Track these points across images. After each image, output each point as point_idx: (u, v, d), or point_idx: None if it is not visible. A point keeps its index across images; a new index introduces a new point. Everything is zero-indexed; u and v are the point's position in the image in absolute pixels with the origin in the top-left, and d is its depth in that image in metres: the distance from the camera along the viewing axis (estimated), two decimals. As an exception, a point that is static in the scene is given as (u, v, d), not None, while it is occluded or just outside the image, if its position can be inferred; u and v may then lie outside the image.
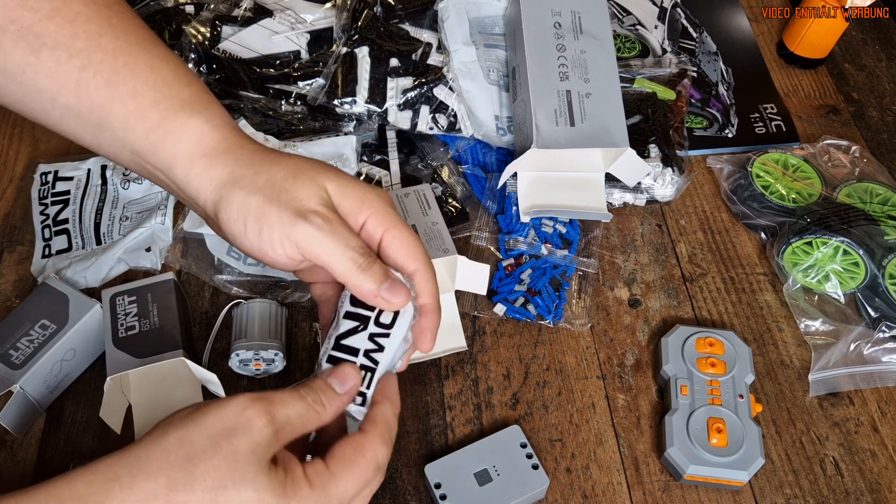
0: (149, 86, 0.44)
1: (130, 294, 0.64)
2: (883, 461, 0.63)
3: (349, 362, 0.44)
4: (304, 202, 0.42)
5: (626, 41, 0.88)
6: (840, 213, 0.73)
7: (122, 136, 0.44)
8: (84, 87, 0.43)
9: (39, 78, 0.42)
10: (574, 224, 0.75)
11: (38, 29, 0.41)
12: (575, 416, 0.64)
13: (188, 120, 0.44)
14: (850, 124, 0.88)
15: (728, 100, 0.87)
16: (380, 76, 0.76)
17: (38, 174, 0.76)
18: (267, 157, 0.45)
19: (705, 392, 0.62)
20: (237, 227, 0.43)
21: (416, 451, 0.62)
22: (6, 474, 0.60)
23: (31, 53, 0.41)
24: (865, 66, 0.95)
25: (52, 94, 0.43)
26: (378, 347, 0.45)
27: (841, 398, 0.66)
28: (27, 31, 0.41)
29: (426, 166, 0.78)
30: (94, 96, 0.43)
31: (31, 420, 0.62)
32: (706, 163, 0.83)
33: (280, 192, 0.42)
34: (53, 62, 0.42)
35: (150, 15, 0.84)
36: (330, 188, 0.44)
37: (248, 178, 0.43)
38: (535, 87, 0.71)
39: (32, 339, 0.61)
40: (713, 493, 0.61)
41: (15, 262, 0.72)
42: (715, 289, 0.73)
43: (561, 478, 0.61)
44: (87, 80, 0.42)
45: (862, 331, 0.68)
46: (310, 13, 0.80)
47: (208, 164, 0.44)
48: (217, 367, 0.65)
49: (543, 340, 0.69)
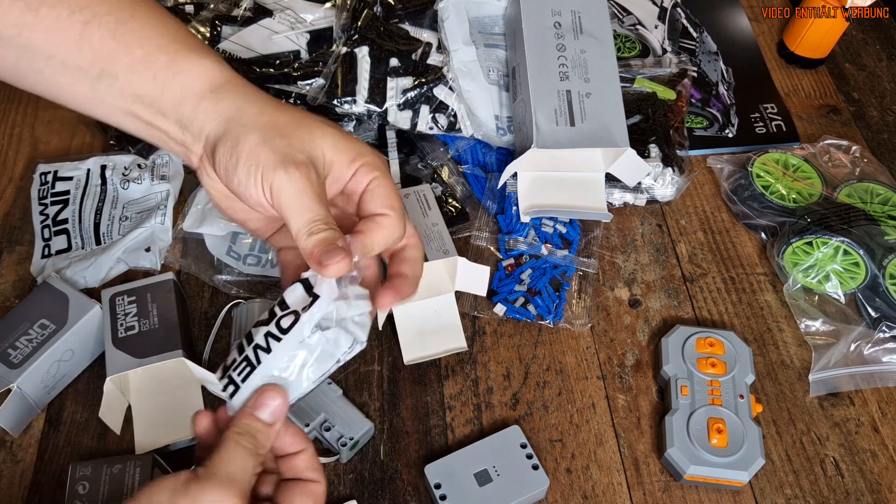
0: (155, 34, 0.44)
1: (130, 294, 0.64)
2: (883, 461, 0.63)
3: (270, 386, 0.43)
4: (293, 152, 0.43)
5: (627, 41, 0.88)
6: (840, 213, 0.72)
7: (123, 85, 0.44)
8: (87, 40, 0.43)
9: (36, 36, 0.42)
10: (574, 224, 0.75)
11: None
12: (575, 416, 0.64)
13: (198, 60, 0.45)
14: (851, 124, 0.88)
15: (728, 100, 0.87)
16: (380, 76, 0.76)
17: (37, 174, 0.76)
18: (271, 99, 0.46)
19: (705, 392, 0.62)
20: (231, 162, 0.43)
21: (416, 452, 0.62)
22: (6, 474, 0.60)
23: (28, 12, 0.42)
24: (866, 65, 0.95)
25: (50, 51, 0.43)
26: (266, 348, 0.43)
27: (841, 398, 0.66)
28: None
29: (426, 166, 0.78)
30: (97, 48, 0.43)
31: (28, 419, 0.62)
32: (706, 163, 0.83)
33: (276, 136, 0.43)
34: (53, 18, 0.42)
35: (150, 15, 0.84)
36: (327, 140, 0.45)
37: (251, 116, 0.44)
38: (535, 87, 0.71)
39: (31, 339, 0.61)
40: (713, 493, 0.61)
41: (14, 262, 0.72)
42: (715, 289, 0.73)
43: (561, 478, 0.61)
44: (91, 33, 0.43)
45: (862, 331, 0.68)
46: (310, 13, 0.80)
47: (218, 98, 0.44)
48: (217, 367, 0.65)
49: (543, 340, 0.69)
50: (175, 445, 0.61)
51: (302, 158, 0.43)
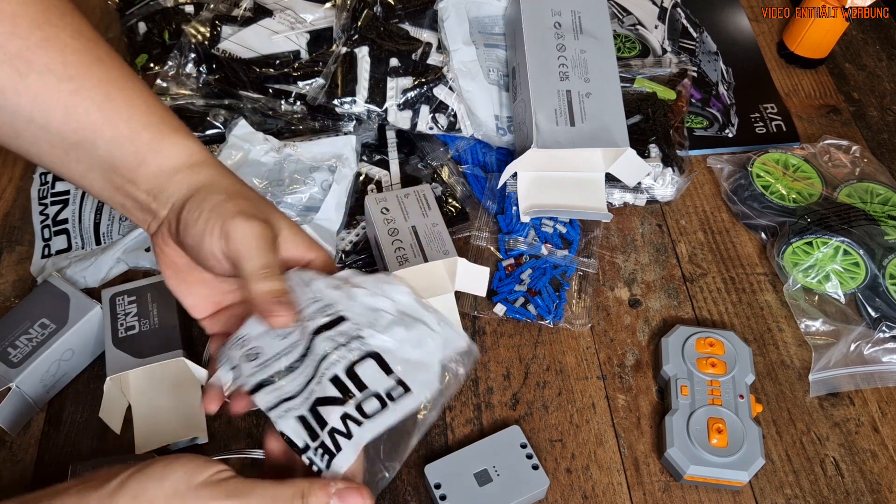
0: (141, 111, 0.46)
1: (130, 294, 0.64)
2: (883, 461, 0.63)
3: (359, 488, 0.40)
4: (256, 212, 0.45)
5: (627, 41, 0.88)
6: (840, 213, 0.72)
7: (103, 155, 0.45)
8: (73, 110, 0.44)
9: (22, 100, 0.43)
10: (574, 224, 0.75)
11: (29, 56, 0.43)
12: (575, 416, 0.64)
13: (180, 140, 0.47)
14: (851, 124, 0.88)
15: (728, 100, 0.87)
16: (380, 76, 0.76)
17: (37, 174, 0.76)
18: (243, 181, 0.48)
19: (705, 392, 0.62)
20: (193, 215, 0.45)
21: (416, 452, 0.62)
22: (6, 474, 0.60)
23: (17, 78, 0.43)
24: (866, 65, 0.95)
25: (33, 115, 0.44)
26: None
27: (841, 398, 0.66)
28: (16, 57, 0.42)
29: (426, 166, 0.78)
30: (83, 119, 0.44)
31: (26, 418, 0.62)
32: (706, 163, 0.83)
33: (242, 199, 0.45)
34: (41, 85, 0.43)
35: (150, 15, 0.84)
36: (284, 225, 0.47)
37: (223, 185, 0.46)
38: (535, 87, 0.71)
39: (31, 338, 0.61)
40: (713, 493, 0.61)
41: (14, 262, 0.72)
42: (715, 289, 0.73)
43: (561, 478, 0.61)
44: (77, 104, 0.44)
45: (862, 331, 0.68)
46: (310, 13, 0.80)
47: (194, 171, 0.46)
48: (217, 367, 0.65)
49: (543, 340, 0.69)
50: (175, 445, 0.61)
51: (262, 217, 0.45)
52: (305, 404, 0.42)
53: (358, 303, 0.45)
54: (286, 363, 0.44)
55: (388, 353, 0.43)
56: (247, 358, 0.45)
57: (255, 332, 0.46)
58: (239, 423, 0.62)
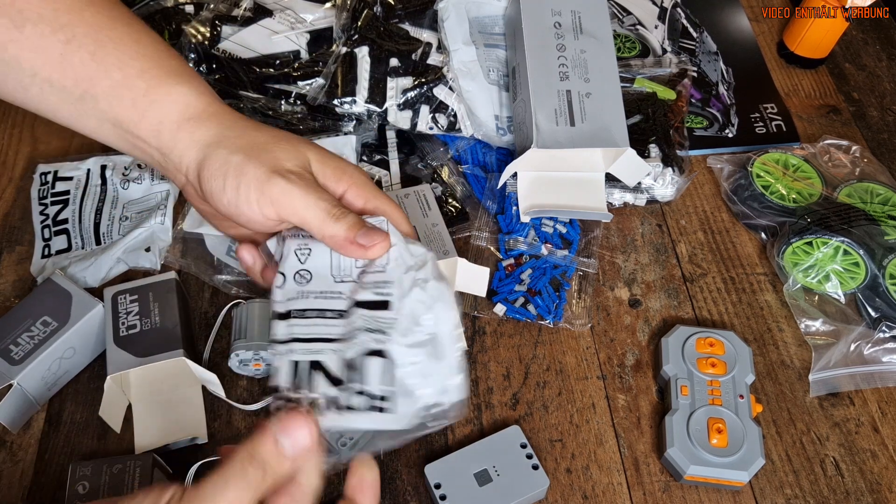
0: (134, 57, 0.44)
1: (132, 293, 0.64)
2: (883, 461, 0.63)
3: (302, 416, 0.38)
4: (282, 162, 0.43)
5: (627, 41, 0.88)
6: (840, 213, 0.72)
7: (105, 108, 0.44)
8: (69, 61, 0.43)
9: (23, 53, 0.42)
10: (574, 224, 0.75)
11: (21, 4, 0.41)
12: (575, 416, 0.64)
13: (175, 87, 0.45)
14: (851, 124, 0.88)
15: (728, 100, 0.87)
16: (380, 76, 0.76)
17: (37, 174, 0.76)
18: (250, 122, 0.46)
19: (705, 392, 0.62)
20: (217, 183, 0.43)
21: (416, 452, 0.62)
22: (6, 474, 0.60)
23: (14, 28, 0.41)
24: (866, 65, 0.95)
25: (35, 69, 0.43)
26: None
27: (841, 398, 0.66)
28: (9, 7, 0.41)
29: (426, 166, 0.78)
30: (78, 69, 0.43)
31: (27, 416, 0.62)
32: (706, 163, 0.83)
33: (260, 152, 0.43)
34: (37, 36, 0.42)
35: (150, 15, 0.84)
36: (311, 156, 0.45)
37: (231, 139, 0.44)
38: (535, 87, 0.71)
39: (33, 336, 0.61)
40: (713, 493, 0.61)
41: (14, 262, 0.72)
42: (715, 289, 0.73)
43: (561, 478, 0.61)
44: (72, 54, 0.43)
45: (862, 331, 0.68)
46: (310, 13, 0.80)
47: (195, 127, 0.45)
48: (217, 367, 0.65)
49: (543, 340, 0.69)
50: (175, 445, 0.61)
51: (292, 167, 0.43)
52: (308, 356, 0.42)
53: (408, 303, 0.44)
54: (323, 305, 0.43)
55: (400, 368, 0.42)
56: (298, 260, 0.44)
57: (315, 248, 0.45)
58: (239, 423, 0.62)
